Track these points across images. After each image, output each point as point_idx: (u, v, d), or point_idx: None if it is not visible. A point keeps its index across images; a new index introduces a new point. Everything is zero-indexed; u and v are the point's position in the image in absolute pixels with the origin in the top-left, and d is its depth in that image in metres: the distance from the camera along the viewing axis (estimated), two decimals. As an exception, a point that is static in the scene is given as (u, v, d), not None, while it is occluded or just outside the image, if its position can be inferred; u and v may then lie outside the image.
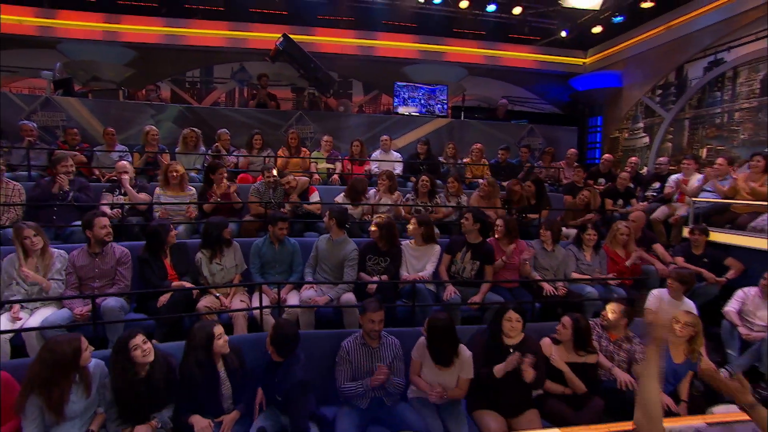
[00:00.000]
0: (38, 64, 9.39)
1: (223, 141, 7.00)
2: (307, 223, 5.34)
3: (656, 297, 4.23)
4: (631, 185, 6.68)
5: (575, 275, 4.74)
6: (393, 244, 4.37)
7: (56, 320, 3.37)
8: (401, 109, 9.37)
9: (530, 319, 3.97)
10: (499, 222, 4.65)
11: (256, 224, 5.10)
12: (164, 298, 3.72)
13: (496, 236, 4.63)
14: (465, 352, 3.15)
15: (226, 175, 5.26)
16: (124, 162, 5.19)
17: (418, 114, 9.37)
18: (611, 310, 3.59)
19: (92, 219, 3.79)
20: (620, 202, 6.46)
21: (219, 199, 5.04)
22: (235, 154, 7.04)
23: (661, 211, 6.04)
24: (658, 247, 5.29)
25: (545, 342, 3.44)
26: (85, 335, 2.64)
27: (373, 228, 4.37)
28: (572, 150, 8.00)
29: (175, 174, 4.91)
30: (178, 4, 10.05)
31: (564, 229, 5.66)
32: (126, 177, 4.95)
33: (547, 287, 4.41)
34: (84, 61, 10.19)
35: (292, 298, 4.11)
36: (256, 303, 3.93)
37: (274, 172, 5.41)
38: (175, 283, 3.88)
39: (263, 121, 8.33)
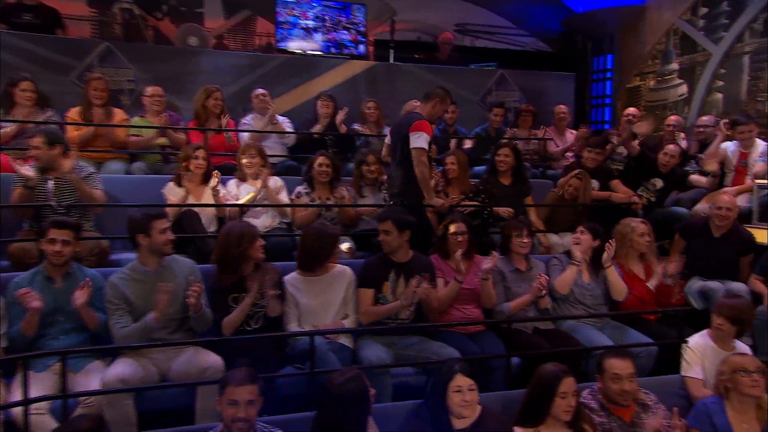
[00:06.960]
0: None
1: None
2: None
3: (699, 347, 4.33)
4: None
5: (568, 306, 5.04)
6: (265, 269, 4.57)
7: None
8: (290, 44, 9.28)
9: (508, 384, 4.31)
10: (456, 227, 4.81)
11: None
12: None
13: (453, 248, 4.74)
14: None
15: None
16: None
17: (317, 53, 9.35)
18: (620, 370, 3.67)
19: None
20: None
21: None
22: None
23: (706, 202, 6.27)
24: None
25: None
26: None
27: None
28: (561, 107, 8.39)
29: None
30: None
31: (556, 238, 6.03)
32: None
33: None
34: None
35: (91, 379, 3.95)
36: (15, 394, 3.72)
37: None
38: None
39: (37, 57, 7.93)
